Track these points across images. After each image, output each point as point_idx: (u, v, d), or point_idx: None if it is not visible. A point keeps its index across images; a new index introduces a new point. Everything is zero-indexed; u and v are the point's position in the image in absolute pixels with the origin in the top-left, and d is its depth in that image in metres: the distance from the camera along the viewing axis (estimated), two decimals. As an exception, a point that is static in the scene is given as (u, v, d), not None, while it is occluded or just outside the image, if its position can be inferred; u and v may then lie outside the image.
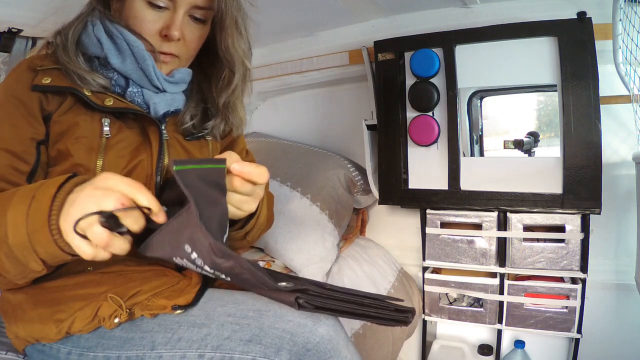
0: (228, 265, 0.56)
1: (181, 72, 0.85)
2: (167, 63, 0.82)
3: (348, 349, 0.68)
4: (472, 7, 1.42)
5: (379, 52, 1.42)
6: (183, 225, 0.55)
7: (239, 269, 0.57)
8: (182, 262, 0.60)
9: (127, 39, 0.77)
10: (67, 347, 0.73)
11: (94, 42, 0.78)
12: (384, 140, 1.45)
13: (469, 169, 1.34)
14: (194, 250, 0.56)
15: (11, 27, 1.18)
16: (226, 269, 0.57)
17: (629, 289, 1.28)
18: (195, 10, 0.80)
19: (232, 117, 0.93)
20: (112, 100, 0.77)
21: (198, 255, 0.56)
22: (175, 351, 0.66)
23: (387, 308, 0.69)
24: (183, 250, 0.56)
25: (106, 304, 0.71)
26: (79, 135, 0.75)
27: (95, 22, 0.78)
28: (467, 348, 1.51)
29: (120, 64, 0.78)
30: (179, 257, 0.59)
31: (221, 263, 0.56)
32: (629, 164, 1.25)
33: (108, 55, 0.77)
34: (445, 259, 1.40)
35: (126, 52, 0.77)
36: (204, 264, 0.57)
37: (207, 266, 0.58)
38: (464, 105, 1.38)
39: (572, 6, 1.24)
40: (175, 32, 0.78)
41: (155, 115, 0.82)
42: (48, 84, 0.74)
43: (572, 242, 1.25)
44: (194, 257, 0.56)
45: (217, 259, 0.55)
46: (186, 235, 0.55)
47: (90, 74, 0.76)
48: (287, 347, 0.62)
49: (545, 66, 1.24)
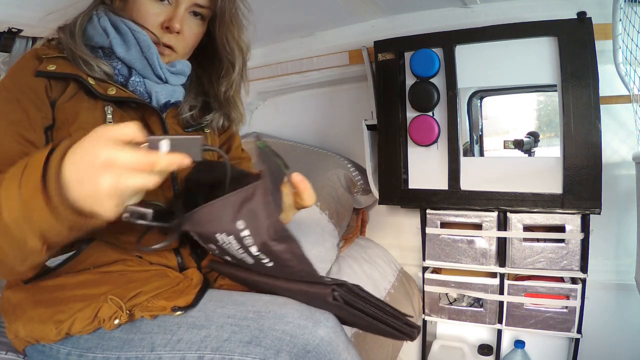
0: (279, 249, 0.57)
1: (181, 64, 0.86)
2: (164, 55, 0.84)
3: (348, 350, 0.68)
4: (472, 7, 1.42)
5: (379, 52, 1.42)
6: (246, 200, 0.56)
7: (288, 255, 0.58)
8: (224, 240, 0.60)
9: (132, 29, 0.79)
10: (67, 348, 0.73)
11: (100, 32, 0.79)
12: (384, 140, 1.45)
13: (469, 169, 1.34)
14: (248, 228, 0.56)
15: (11, 27, 1.18)
16: (275, 252, 0.58)
17: (629, 289, 1.28)
18: (196, 7, 0.83)
19: (233, 112, 0.96)
20: (114, 90, 0.77)
21: (250, 234, 0.57)
22: (175, 352, 0.66)
23: (399, 319, 0.70)
24: (233, 226, 0.57)
25: (106, 306, 0.71)
26: (82, 122, 0.75)
27: (101, 15, 0.80)
28: (467, 348, 1.51)
29: (125, 53, 0.79)
30: (224, 234, 0.59)
31: (273, 245, 0.57)
32: (629, 164, 1.25)
33: (113, 44, 0.78)
34: (445, 259, 1.40)
35: (131, 42, 0.79)
36: (252, 243, 0.58)
37: (255, 247, 0.58)
38: (464, 105, 1.38)
39: (572, 6, 1.24)
40: (176, 24, 0.80)
41: (156, 105, 0.83)
42: (53, 71, 0.74)
43: (572, 242, 1.25)
44: (244, 235, 0.57)
45: (271, 240, 0.56)
46: (245, 210, 0.56)
47: (94, 60, 0.77)
48: (287, 349, 0.62)
49: (545, 66, 1.23)
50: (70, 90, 0.76)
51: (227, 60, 0.91)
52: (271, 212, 0.54)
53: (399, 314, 0.70)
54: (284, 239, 0.57)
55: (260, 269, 0.66)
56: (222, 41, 0.89)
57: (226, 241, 0.61)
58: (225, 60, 0.91)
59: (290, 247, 0.58)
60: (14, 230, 0.55)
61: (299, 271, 0.61)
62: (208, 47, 0.92)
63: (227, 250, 0.63)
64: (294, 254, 0.58)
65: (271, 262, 0.61)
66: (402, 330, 0.71)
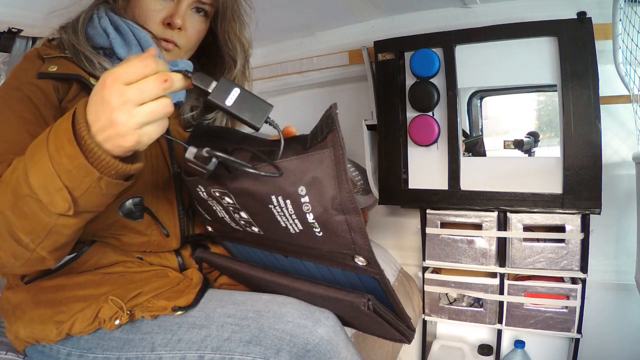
0: (338, 219, 0.56)
1: (184, 63, 0.86)
2: (169, 51, 0.84)
3: (348, 349, 0.68)
4: (472, 7, 1.42)
5: (379, 52, 1.42)
6: (314, 166, 0.55)
7: (345, 226, 0.57)
8: (279, 203, 0.59)
9: (134, 30, 0.79)
10: (67, 348, 0.73)
11: (100, 33, 0.79)
12: (384, 140, 1.45)
13: (469, 169, 1.34)
14: (308, 195, 0.55)
15: (11, 27, 1.18)
16: (331, 222, 0.57)
17: (629, 289, 1.28)
18: (198, 4, 0.84)
19: None
20: None
21: (310, 201, 0.56)
22: (175, 352, 0.66)
23: (404, 321, 0.71)
24: (295, 190, 0.56)
25: (107, 306, 0.71)
26: None
27: (102, 15, 0.80)
28: (467, 348, 1.51)
29: (127, 54, 0.79)
30: (281, 197, 0.58)
31: (332, 215, 0.56)
32: (629, 164, 1.25)
33: (114, 45, 0.78)
34: (445, 259, 1.40)
35: (132, 43, 0.79)
36: (309, 210, 0.57)
37: (312, 214, 0.57)
38: (464, 105, 1.38)
39: (572, 6, 1.24)
40: (178, 20, 0.81)
41: None
42: (55, 72, 0.74)
43: (572, 242, 1.25)
44: (304, 201, 0.56)
45: (332, 209, 0.56)
46: (310, 176, 0.55)
47: (96, 57, 0.77)
48: (287, 348, 0.62)
49: (545, 66, 1.23)
50: (73, 90, 0.76)
51: (229, 57, 0.91)
52: (342, 184, 0.53)
53: (406, 316, 0.71)
54: (347, 211, 0.55)
55: (299, 239, 0.64)
56: (224, 38, 0.89)
57: (281, 204, 0.59)
58: (227, 57, 0.92)
59: (350, 219, 0.56)
60: (40, 192, 0.54)
61: (349, 243, 0.59)
62: (211, 47, 0.92)
63: (275, 213, 0.62)
64: (351, 225, 0.57)
65: (322, 232, 0.60)
66: (404, 332, 0.71)
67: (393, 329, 0.70)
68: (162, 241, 0.80)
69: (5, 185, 0.57)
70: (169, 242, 0.81)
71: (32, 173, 0.54)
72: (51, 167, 0.53)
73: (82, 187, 0.54)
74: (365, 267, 0.62)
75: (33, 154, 0.55)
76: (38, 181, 0.54)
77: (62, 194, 0.54)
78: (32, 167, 0.54)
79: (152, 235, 0.78)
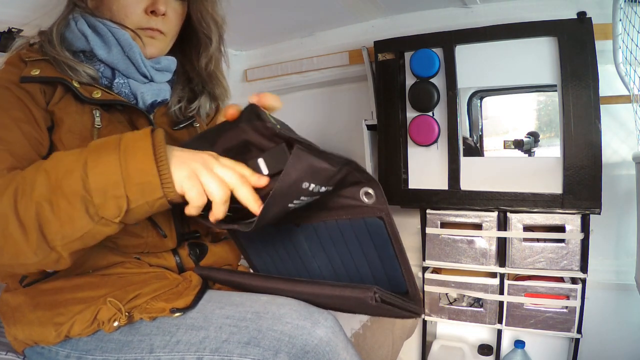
0: (340, 177, 0.61)
1: (167, 60, 0.86)
2: (155, 39, 0.83)
3: (347, 350, 0.68)
4: (472, 7, 1.42)
5: (379, 52, 1.42)
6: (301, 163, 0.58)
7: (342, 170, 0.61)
8: (295, 204, 0.62)
9: (112, 30, 0.78)
10: (66, 350, 0.73)
11: (79, 37, 0.78)
12: (384, 140, 1.45)
13: (469, 169, 1.34)
14: (312, 182, 0.59)
15: (11, 27, 1.18)
16: (335, 179, 0.61)
17: (629, 289, 1.28)
18: None
19: (217, 88, 0.96)
20: (100, 93, 0.77)
21: (316, 184, 0.60)
22: (174, 354, 0.66)
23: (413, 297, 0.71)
24: (301, 188, 0.59)
25: (105, 308, 0.71)
26: (71, 125, 0.75)
27: (77, 18, 0.79)
28: (467, 348, 1.51)
29: (107, 55, 0.78)
30: (295, 201, 0.61)
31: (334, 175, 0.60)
32: (629, 164, 1.25)
33: (94, 47, 0.78)
34: (445, 259, 1.40)
35: (112, 43, 0.78)
36: (320, 186, 0.61)
37: (324, 187, 0.62)
38: (464, 105, 1.38)
39: (572, 6, 1.24)
40: (161, 6, 0.80)
41: (143, 106, 0.82)
42: (37, 75, 0.74)
43: (572, 242, 1.25)
44: (312, 188, 0.60)
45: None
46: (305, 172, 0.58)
47: (79, 65, 0.77)
48: (286, 350, 0.62)
49: (545, 66, 1.23)
50: (58, 93, 0.76)
51: (204, 35, 0.91)
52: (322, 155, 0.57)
53: (410, 271, 0.71)
54: (340, 162, 0.60)
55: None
56: (197, 17, 0.89)
57: (296, 204, 0.63)
58: (202, 35, 0.91)
59: (347, 166, 0.60)
60: (97, 197, 0.56)
61: (355, 178, 0.63)
62: (186, 29, 0.92)
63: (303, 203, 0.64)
64: (342, 162, 0.60)
65: (330, 187, 0.63)
66: (413, 310, 0.71)
67: (402, 310, 0.70)
68: (158, 242, 0.80)
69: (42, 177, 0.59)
70: (165, 243, 0.81)
71: (94, 174, 0.56)
72: (120, 175, 0.56)
73: (140, 201, 0.57)
74: (373, 204, 0.65)
75: (98, 156, 0.57)
76: (99, 183, 0.56)
77: (119, 202, 0.57)
78: (95, 168, 0.56)
79: (149, 237, 0.78)
